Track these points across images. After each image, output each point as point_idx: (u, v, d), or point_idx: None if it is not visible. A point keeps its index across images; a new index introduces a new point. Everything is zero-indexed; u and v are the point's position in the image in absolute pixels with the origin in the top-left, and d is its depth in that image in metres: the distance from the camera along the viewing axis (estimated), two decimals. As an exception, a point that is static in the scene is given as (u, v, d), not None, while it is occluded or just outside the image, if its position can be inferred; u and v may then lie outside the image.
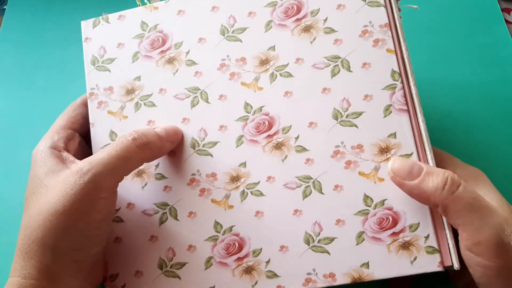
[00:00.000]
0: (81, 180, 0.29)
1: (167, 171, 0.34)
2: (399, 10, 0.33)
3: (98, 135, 0.35)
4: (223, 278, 0.31)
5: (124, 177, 0.31)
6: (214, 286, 0.32)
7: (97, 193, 0.29)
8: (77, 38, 0.39)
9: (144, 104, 0.35)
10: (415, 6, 0.35)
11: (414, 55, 0.44)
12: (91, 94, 0.36)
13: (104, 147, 0.35)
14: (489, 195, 0.29)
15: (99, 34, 0.37)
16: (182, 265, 0.32)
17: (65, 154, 0.33)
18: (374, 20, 0.33)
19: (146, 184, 0.34)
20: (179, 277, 0.32)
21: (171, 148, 0.34)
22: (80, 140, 0.37)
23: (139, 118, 0.35)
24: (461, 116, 0.42)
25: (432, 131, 0.39)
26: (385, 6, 0.33)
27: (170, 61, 0.36)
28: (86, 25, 0.38)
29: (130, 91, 0.36)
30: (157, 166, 0.34)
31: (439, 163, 0.31)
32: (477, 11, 0.46)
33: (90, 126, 0.36)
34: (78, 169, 0.29)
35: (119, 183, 0.31)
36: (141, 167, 0.34)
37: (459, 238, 0.28)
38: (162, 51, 0.36)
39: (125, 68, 0.36)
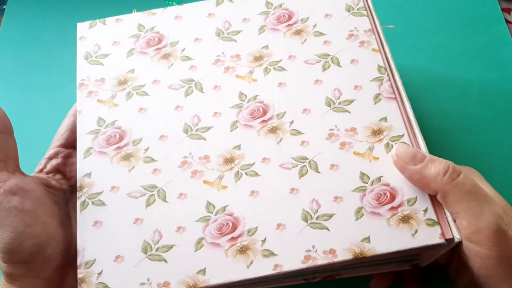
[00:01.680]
0: None
1: (156, 155, 0.33)
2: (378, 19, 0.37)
3: (85, 121, 0.34)
4: (215, 259, 0.29)
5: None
6: (204, 269, 0.29)
7: None
8: (76, 38, 0.39)
9: (137, 93, 0.35)
10: (391, 26, 0.40)
11: (414, 55, 0.47)
12: (81, 84, 0.36)
13: (90, 132, 0.34)
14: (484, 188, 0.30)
15: (95, 34, 0.38)
16: (169, 247, 0.30)
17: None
18: (359, 26, 0.36)
19: (133, 167, 0.32)
20: (165, 261, 0.29)
21: None
22: (67, 153, 0.35)
23: (130, 106, 0.35)
24: (461, 116, 0.43)
25: (432, 131, 0.41)
26: (368, 16, 0.37)
27: (166, 56, 0.37)
28: (82, 26, 0.39)
29: (122, 82, 0.36)
30: (146, 149, 0.33)
31: None
32: (477, 11, 0.48)
33: (77, 113, 0.35)
34: None
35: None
36: (129, 151, 0.33)
37: (459, 228, 0.28)
38: (158, 48, 0.37)
39: (119, 62, 0.37)
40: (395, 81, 0.34)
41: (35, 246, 0.29)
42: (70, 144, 0.35)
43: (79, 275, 0.29)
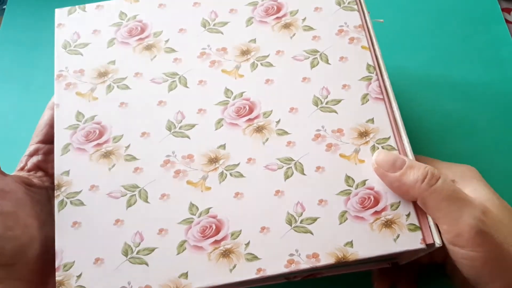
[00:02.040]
0: None
1: (138, 153, 0.32)
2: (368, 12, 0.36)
3: (63, 116, 0.33)
4: (198, 263, 0.29)
5: None
6: (187, 272, 0.29)
7: None
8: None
9: (117, 86, 0.34)
10: (381, 20, 0.39)
11: (414, 55, 0.46)
12: (59, 75, 0.34)
13: (69, 127, 0.33)
14: (477, 190, 0.30)
15: (74, 21, 0.36)
16: (150, 250, 0.29)
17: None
18: (349, 22, 0.35)
19: (113, 166, 0.32)
20: (146, 264, 0.29)
21: None
22: (48, 149, 0.34)
23: (111, 100, 0.33)
24: (461, 116, 0.42)
25: (432, 131, 0.41)
26: (358, 11, 0.36)
27: (148, 47, 0.35)
28: (60, 13, 0.37)
29: (102, 74, 0.34)
30: (127, 147, 0.32)
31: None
32: (477, 11, 0.48)
33: (55, 107, 0.33)
34: None
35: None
36: (109, 148, 0.32)
37: (442, 233, 0.29)
38: (140, 39, 0.36)
39: (99, 53, 0.35)
40: (383, 81, 0.33)
41: (16, 248, 0.28)
42: (50, 139, 0.34)
43: (57, 278, 0.29)
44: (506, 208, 0.29)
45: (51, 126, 0.34)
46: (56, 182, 0.31)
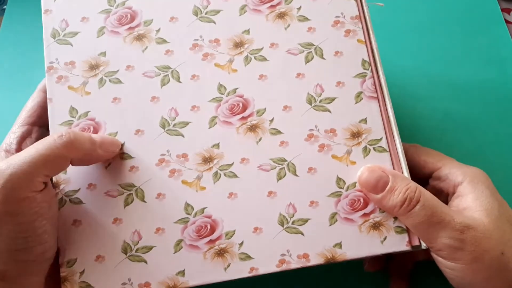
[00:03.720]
0: (0, 183, 0.27)
1: (133, 151, 0.32)
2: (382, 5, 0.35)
3: (56, 111, 0.33)
4: (194, 262, 0.30)
5: (50, 175, 0.29)
6: (184, 270, 0.30)
7: (15, 194, 0.27)
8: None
9: (109, 80, 0.33)
10: (381, 4, 0.37)
11: (414, 55, 0.46)
12: (49, 68, 0.34)
13: (63, 124, 0.33)
14: (479, 199, 0.30)
15: (61, 7, 0.35)
16: (149, 248, 0.31)
17: None
18: (346, 12, 0.34)
19: (109, 164, 0.32)
20: (145, 262, 0.30)
21: (105, 158, 0.31)
22: (40, 133, 0.34)
23: (103, 95, 0.33)
24: (461, 116, 0.43)
25: (432, 131, 0.41)
26: (356, 0, 0.35)
27: (139, 38, 0.34)
28: None
29: (94, 67, 0.34)
30: (122, 145, 0.32)
31: (436, 164, 0.33)
32: (477, 11, 0.48)
33: (48, 101, 0.33)
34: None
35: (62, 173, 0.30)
36: (104, 146, 0.32)
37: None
38: (131, 28, 0.34)
39: (89, 43, 0.34)
40: (378, 77, 0.33)
41: (44, 247, 0.29)
42: (43, 122, 0.34)
43: (61, 274, 0.30)
44: (503, 220, 0.30)
45: (44, 109, 0.33)
46: (54, 180, 0.32)
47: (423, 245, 0.30)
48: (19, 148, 0.33)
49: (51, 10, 0.35)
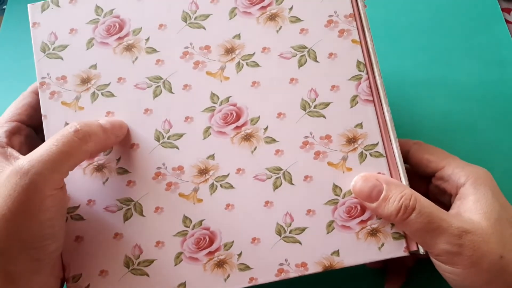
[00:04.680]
0: (22, 182, 0.27)
1: (130, 165, 0.32)
2: (365, 6, 0.33)
3: (52, 127, 0.33)
4: (194, 274, 0.31)
5: (69, 171, 0.29)
6: (185, 282, 0.31)
7: (41, 193, 0.27)
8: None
9: (102, 94, 0.33)
10: (365, 6, 0.36)
11: (414, 55, 0.45)
12: (42, 84, 0.34)
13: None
14: (480, 201, 0.30)
15: (49, 19, 0.34)
16: (150, 262, 0.31)
17: (9, 150, 0.31)
18: (339, 10, 0.33)
19: (107, 179, 0.32)
20: (147, 275, 0.31)
21: (116, 142, 0.32)
22: (28, 132, 0.34)
23: (97, 109, 0.33)
24: (461, 116, 0.42)
25: (432, 131, 0.40)
26: (350, -4, 0.33)
27: (129, 48, 0.34)
28: (33, 9, 0.35)
29: (85, 80, 0.33)
30: (118, 160, 0.33)
31: (439, 163, 0.32)
32: (477, 11, 0.47)
33: (43, 118, 0.33)
34: (18, 169, 0.27)
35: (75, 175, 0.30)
36: (101, 161, 0.33)
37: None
38: (120, 38, 0.34)
39: (79, 56, 0.34)
40: (374, 79, 0.32)
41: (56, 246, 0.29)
42: (32, 122, 0.34)
43: (68, 289, 0.31)
44: (504, 223, 0.30)
45: (35, 110, 0.34)
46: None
47: (421, 250, 0.30)
48: (9, 142, 0.32)
49: (39, 23, 0.34)
